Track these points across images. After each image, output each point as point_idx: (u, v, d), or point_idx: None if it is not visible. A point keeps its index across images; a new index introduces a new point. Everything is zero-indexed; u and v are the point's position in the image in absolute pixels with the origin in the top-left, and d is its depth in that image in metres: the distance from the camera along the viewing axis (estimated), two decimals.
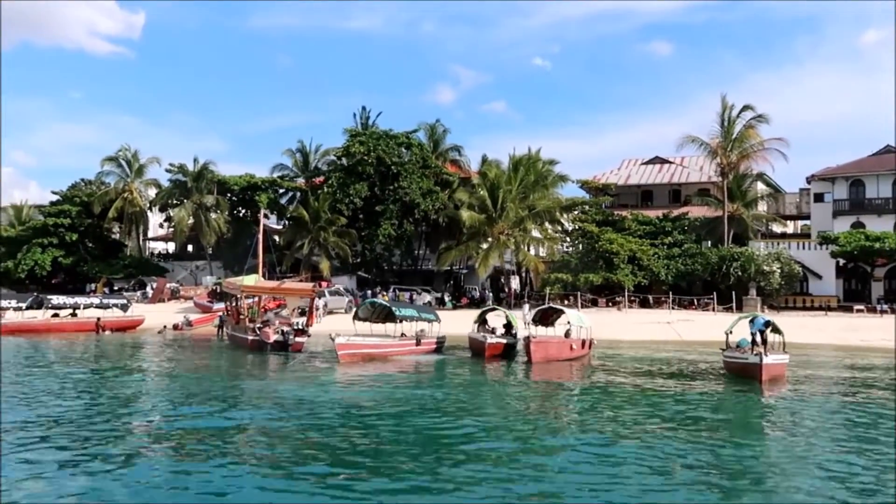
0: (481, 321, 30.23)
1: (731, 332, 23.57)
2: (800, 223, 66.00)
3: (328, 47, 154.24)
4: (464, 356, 29.06)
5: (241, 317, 34.94)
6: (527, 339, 25.38)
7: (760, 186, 57.75)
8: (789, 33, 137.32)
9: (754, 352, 21.52)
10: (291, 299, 38.32)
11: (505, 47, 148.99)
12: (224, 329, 36.40)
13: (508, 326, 29.81)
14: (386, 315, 29.03)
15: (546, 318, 29.50)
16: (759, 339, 22.08)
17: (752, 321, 22.95)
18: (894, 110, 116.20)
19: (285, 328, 30.26)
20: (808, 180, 57.08)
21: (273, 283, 39.13)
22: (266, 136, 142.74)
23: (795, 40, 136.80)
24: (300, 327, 30.56)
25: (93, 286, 59.35)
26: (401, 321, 28.61)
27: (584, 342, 28.06)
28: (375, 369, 24.02)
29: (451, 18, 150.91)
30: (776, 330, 22.55)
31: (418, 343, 28.07)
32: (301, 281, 49.73)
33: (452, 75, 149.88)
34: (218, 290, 46.53)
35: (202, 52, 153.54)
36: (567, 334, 28.54)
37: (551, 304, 32.55)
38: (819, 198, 55.94)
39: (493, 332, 29.53)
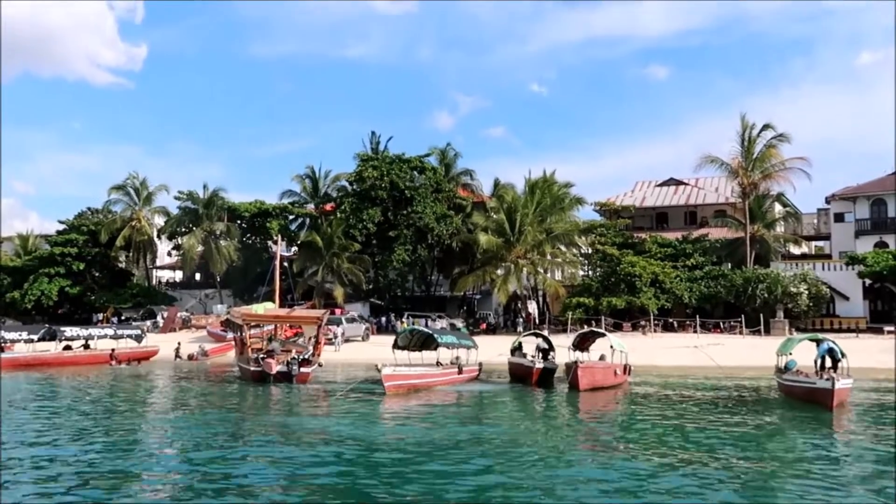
0: (518, 346, 29.33)
1: (790, 354, 22.56)
2: (814, 244, 65.20)
3: (327, 75, 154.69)
4: (501, 382, 28.14)
5: (245, 346, 33.23)
6: (574, 365, 24.26)
7: (777, 207, 57.03)
8: (784, 56, 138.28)
9: (824, 376, 20.41)
10: (308, 328, 37.08)
11: (502, 73, 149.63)
12: None
13: (545, 351, 28.81)
14: (422, 342, 27.97)
15: (584, 342, 28.48)
16: (828, 363, 21.03)
17: (817, 345, 21.90)
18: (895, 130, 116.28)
19: (298, 356, 29.07)
20: (828, 200, 56.38)
21: (282, 311, 37.94)
22: (268, 162, 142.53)
23: (790, 62, 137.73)
24: (306, 357, 29.02)
25: (100, 316, 58.17)
26: (435, 348, 27.58)
27: (624, 368, 27.02)
28: (425, 402, 22.67)
29: (447, 45, 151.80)
30: (841, 353, 21.49)
31: (460, 371, 26.99)
32: (310, 308, 48.71)
33: (451, 101, 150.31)
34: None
35: (202, 80, 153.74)
36: (601, 358, 27.52)
37: (593, 329, 31.40)
38: (839, 217, 55.26)
39: (525, 356, 28.67)
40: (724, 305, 48.14)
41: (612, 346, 26.49)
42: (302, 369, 27.77)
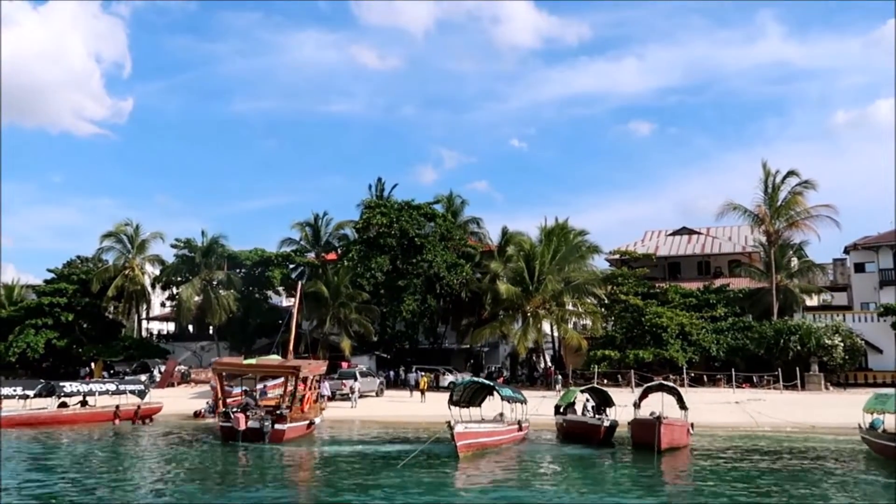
0: (571, 403, 27.04)
1: (893, 413, 20.60)
2: (824, 295, 63.67)
3: (310, 130, 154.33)
4: (551, 441, 26.02)
5: (219, 400, 30.31)
6: (657, 423, 21.91)
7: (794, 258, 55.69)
8: (758, 115, 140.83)
9: None
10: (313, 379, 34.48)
11: (483, 129, 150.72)
12: None
13: (597, 408, 26.60)
14: (471, 397, 25.67)
15: (643, 397, 26.32)
16: None
17: None
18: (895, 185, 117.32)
19: (283, 410, 26.21)
20: (847, 250, 55.14)
21: (277, 361, 35.39)
22: (248, 216, 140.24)
23: (764, 121, 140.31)
24: (281, 412, 26.30)
25: (87, 369, 54.70)
26: (480, 403, 25.31)
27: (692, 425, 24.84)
28: (508, 469, 20.24)
29: (429, 103, 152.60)
30: None
31: (520, 428, 24.65)
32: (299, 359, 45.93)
33: (435, 157, 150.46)
34: None
35: (186, 135, 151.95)
36: (652, 415, 25.31)
37: (662, 381, 29.00)
38: (860, 268, 53.91)
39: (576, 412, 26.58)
40: (749, 358, 46.17)
41: (679, 402, 24.32)
42: (276, 426, 25.20)
